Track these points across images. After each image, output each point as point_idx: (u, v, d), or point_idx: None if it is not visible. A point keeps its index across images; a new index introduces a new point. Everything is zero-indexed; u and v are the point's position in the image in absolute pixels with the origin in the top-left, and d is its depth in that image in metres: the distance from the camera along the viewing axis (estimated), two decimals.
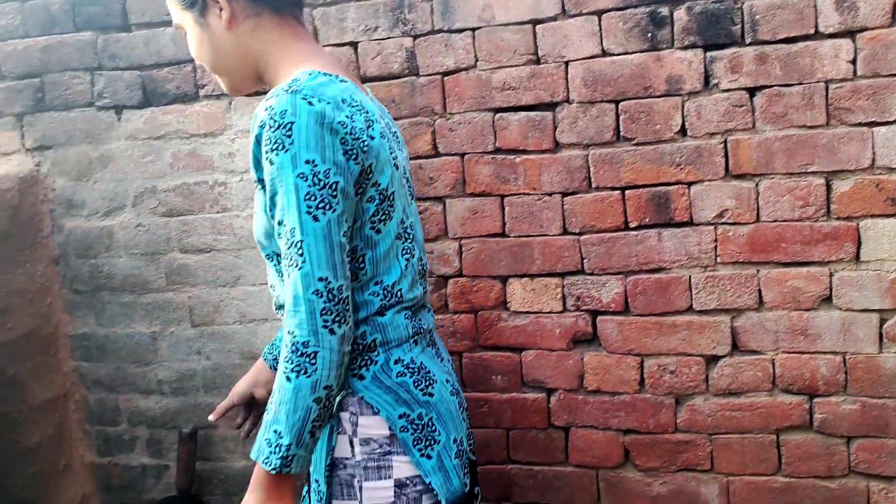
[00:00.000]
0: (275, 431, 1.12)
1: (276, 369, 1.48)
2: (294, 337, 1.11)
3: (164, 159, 2.01)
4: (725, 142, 1.67)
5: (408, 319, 1.26)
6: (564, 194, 1.78)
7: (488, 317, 1.87)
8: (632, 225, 1.75)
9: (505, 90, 1.78)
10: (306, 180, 1.10)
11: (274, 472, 1.12)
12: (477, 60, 1.78)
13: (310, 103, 1.12)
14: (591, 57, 1.72)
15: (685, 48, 1.67)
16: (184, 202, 2.01)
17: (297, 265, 1.11)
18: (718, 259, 1.71)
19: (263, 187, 1.17)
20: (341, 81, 1.21)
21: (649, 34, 1.68)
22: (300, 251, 1.11)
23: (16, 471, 1.93)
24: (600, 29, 1.70)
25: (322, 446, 1.24)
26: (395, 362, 1.24)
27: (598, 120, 1.73)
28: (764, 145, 1.65)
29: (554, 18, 1.73)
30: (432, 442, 1.25)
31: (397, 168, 1.24)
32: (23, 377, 1.97)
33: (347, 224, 1.15)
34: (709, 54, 1.66)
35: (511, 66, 1.76)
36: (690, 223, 1.71)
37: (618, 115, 1.72)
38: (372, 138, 1.18)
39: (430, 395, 1.26)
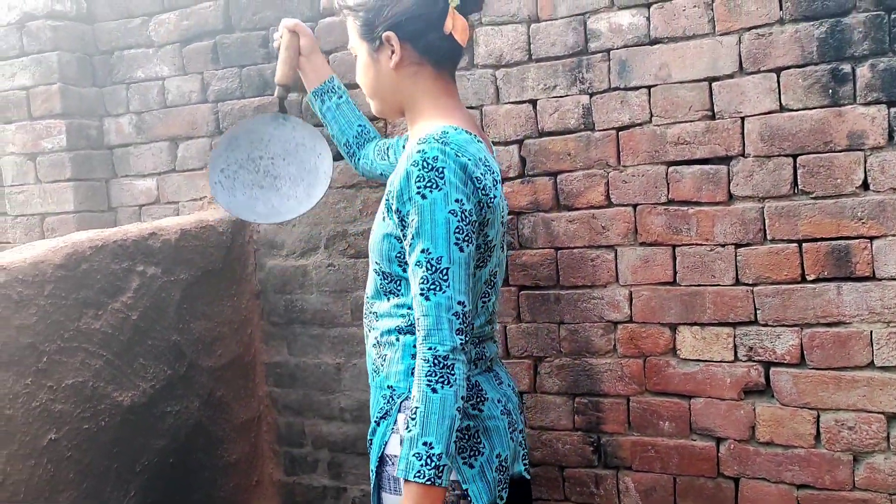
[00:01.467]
0: (424, 444, 1.22)
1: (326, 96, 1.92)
2: (435, 352, 1.24)
3: (356, 206, 2.21)
4: None
5: (473, 346, 1.40)
6: (738, 245, 1.81)
7: (657, 363, 1.92)
8: (809, 278, 1.75)
9: (679, 144, 1.84)
10: (456, 216, 1.29)
11: (428, 483, 1.22)
12: (652, 116, 1.86)
13: (457, 155, 1.31)
14: (769, 112, 1.75)
15: (868, 104, 1.67)
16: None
17: (440, 288, 1.26)
18: None
19: (399, 217, 1.33)
20: (478, 141, 1.41)
21: (830, 90, 1.70)
22: (444, 277, 1.26)
23: (221, 483, 2.17)
24: (779, 85, 1.74)
25: (378, 440, 1.40)
26: None
27: (775, 173, 1.76)
28: None
29: (731, 76, 1.78)
30: (476, 453, 1.37)
31: (502, 224, 1.45)
32: (228, 399, 2.21)
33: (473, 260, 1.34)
34: (893, 110, 1.65)
35: (686, 122, 1.83)
36: (873, 278, 1.69)
37: (795, 169, 1.75)
38: (494, 197, 1.37)
39: (480, 410, 1.40)
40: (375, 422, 1.44)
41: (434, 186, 1.28)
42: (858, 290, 1.71)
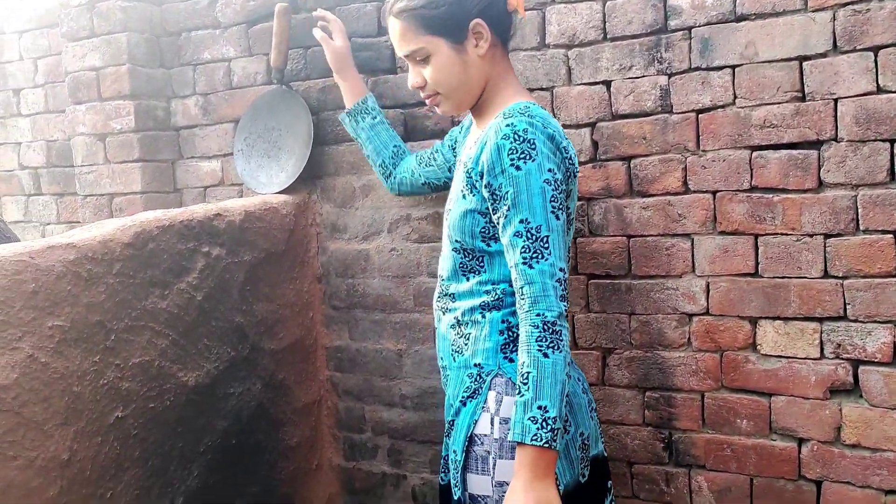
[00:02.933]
0: (539, 407, 1.24)
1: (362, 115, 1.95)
2: (544, 318, 1.27)
3: None
4: None
5: None
6: (827, 236, 1.70)
7: (735, 358, 1.82)
8: None
9: (765, 128, 1.74)
10: (550, 185, 1.31)
11: (546, 446, 1.23)
12: (735, 98, 1.76)
13: (544, 126, 1.35)
14: (865, 94, 1.64)
15: None
16: (435, 230, 2.15)
17: (543, 257, 1.29)
18: None
19: (490, 191, 1.35)
20: (550, 116, 1.44)
21: None
22: (546, 245, 1.29)
23: (281, 466, 2.16)
24: (876, 65, 1.62)
25: (465, 420, 1.38)
26: None
27: (871, 159, 1.65)
28: None
29: (824, 55, 1.67)
30: (562, 431, 1.34)
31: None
32: (289, 382, 2.20)
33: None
34: None
35: (773, 104, 1.73)
36: None
37: (892, 155, 1.63)
38: (577, 167, 1.42)
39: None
40: (461, 402, 1.43)
41: (527, 157, 1.30)
42: None
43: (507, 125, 1.33)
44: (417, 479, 2.27)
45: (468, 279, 1.44)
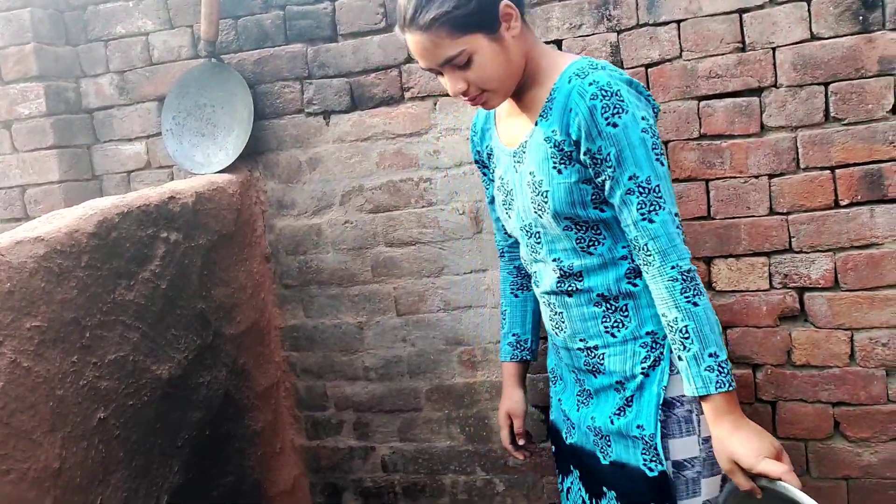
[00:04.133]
0: (710, 355, 1.25)
1: (526, 360, 1.70)
2: (680, 268, 1.27)
3: (371, 159, 2.14)
4: None
5: None
6: (771, 176, 1.84)
7: None
8: (842, 203, 1.80)
9: (710, 78, 1.85)
10: (648, 133, 1.28)
11: (731, 389, 1.25)
12: (682, 51, 1.86)
13: (620, 74, 1.31)
14: (800, 42, 1.78)
15: None
16: (390, 199, 2.14)
17: (660, 206, 1.27)
18: None
19: (590, 155, 1.29)
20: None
21: (860, 17, 1.73)
22: (659, 195, 1.27)
23: (249, 452, 2.10)
24: (809, 14, 1.76)
25: (655, 389, 1.35)
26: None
27: (808, 102, 1.79)
28: None
29: (762, 6, 1.79)
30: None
31: None
32: (249, 367, 2.13)
33: None
34: None
35: (717, 55, 1.84)
36: None
37: (827, 97, 1.78)
38: (658, 106, 1.38)
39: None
40: (643, 373, 1.37)
41: (620, 111, 1.26)
42: (891, 211, 1.77)
43: (590, 83, 1.27)
44: (387, 448, 2.27)
45: (592, 252, 1.37)
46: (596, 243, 1.38)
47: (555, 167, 1.33)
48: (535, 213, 1.39)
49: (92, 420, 1.50)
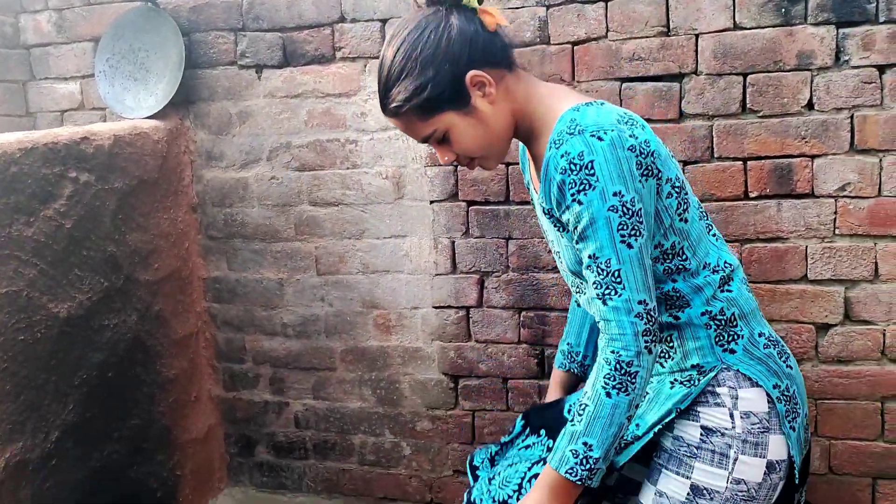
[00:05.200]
0: (584, 444, 1.19)
1: (579, 374, 1.62)
2: (618, 356, 1.18)
3: (300, 117, 2.13)
4: (852, 117, 1.72)
5: (748, 290, 1.33)
6: (686, 162, 1.85)
7: None
8: (752, 195, 1.81)
9: (634, 60, 1.85)
10: (616, 211, 1.18)
11: (578, 482, 1.19)
12: (608, 31, 1.85)
13: (599, 138, 1.18)
14: (723, 30, 1.77)
15: (818, 24, 1.71)
16: (316, 158, 2.14)
17: (616, 293, 1.18)
18: (837, 231, 1.77)
19: (563, 226, 1.25)
20: (600, 104, 1.26)
21: (783, 9, 1.73)
22: (618, 279, 1.18)
23: (159, 398, 2.12)
24: (734, 3, 1.76)
25: (665, 406, 1.29)
26: (759, 335, 1.30)
27: (726, 92, 1.79)
28: (891, 122, 1.70)
29: None
30: (795, 415, 1.28)
31: (672, 157, 1.31)
32: (165, 314, 2.14)
33: (651, 245, 1.23)
34: (841, 31, 1.70)
35: (641, 38, 1.83)
36: (811, 195, 1.77)
37: (745, 88, 1.78)
38: (650, 143, 1.23)
39: (790, 367, 1.31)
40: (675, 410, 1.29)
41: (587, 187, 1.18)
42: (797, 206, 1.78)
43: (562, 154, 1.19)
44: (300, 405, 2.30)
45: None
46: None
47: (556, 228, 1.31)
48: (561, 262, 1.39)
49: None
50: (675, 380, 1.32)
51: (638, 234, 1.19)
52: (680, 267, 1.28)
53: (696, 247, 1.29)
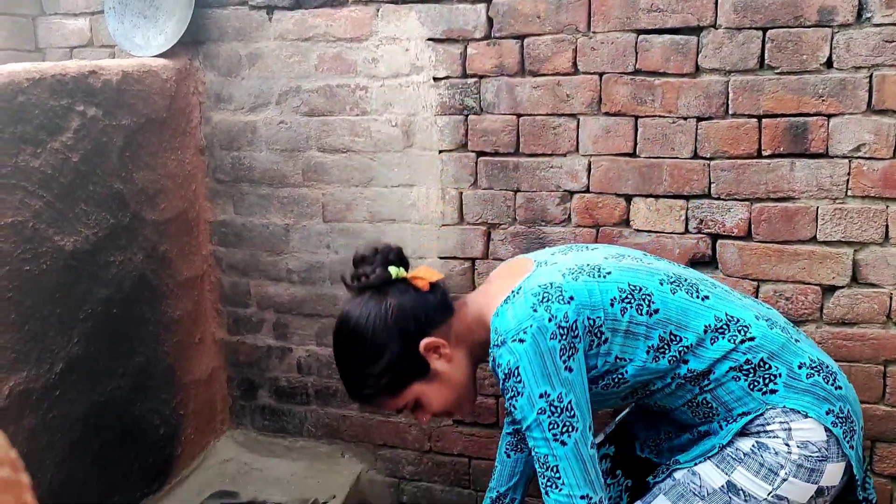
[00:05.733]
0: None
1: None
2: None
3: (310, 61, 2.11)
4: (871, 76, 1.69)
5: (770, 325, 1.34)
6: (700, 119, 1.82)
7: (609, 232, 1.95)
8: (765, 153, 1.79)
9: (652, 11, 1.81)
10: (545, 413, 1.24)
11: None
12: None
13: (520, 340, 1.25)
14: None
15: None
16: (325, 103, 2.12)
17: (557, 486, 1.25)
18: (849, 192, 1.75)
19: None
20: (515, 293, 1.32)
21: None
22: (557, 475, 1.25)
23: (164, 338, 2.13)
24: None
25: (707, 444, 1.35)
26: (799, 367, 1.30)
27: (744, 47, 1.76)
28: None
29: None
30: (853, 433, 1.30)
31: (616, 268, 1.36)
32: (171, 255, 2.14)
33: (591, 433, 1.27)
34: None
35: None
36: (825, 155, 1.75)
37: (764, 43, 1.75)
38: (568, 314, 1.26)
39: (840, 386, 1.32)
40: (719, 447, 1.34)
41: (517, 394, 1.26)
42: (811, 166, 1.76)
43: (497, 366, 1.28)
44: (303, 350, 2.31)
45: (653, 385, 1.36)
46: (638, 390, 1.38)
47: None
48: None
49: None
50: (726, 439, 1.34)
51: (570, 428, 1.24)
52: (682, 349, 1.30)
53: (684, 322, 1.31)
